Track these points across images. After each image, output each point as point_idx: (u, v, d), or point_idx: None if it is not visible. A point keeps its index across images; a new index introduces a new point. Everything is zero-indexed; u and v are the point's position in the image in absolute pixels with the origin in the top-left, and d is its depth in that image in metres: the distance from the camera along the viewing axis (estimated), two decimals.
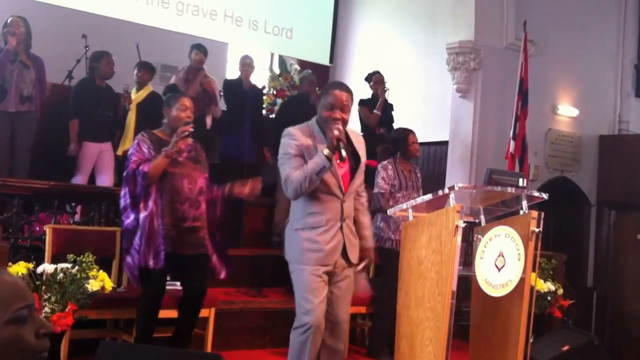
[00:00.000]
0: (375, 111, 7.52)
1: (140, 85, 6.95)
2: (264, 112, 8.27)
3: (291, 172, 3.62)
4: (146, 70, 7.02)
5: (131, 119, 6.78)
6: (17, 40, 5.95)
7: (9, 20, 6.07)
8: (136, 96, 6.87)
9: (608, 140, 9.03)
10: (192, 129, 4.24)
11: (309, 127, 3.77)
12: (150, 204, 4.17)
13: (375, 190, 5.51)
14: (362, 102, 7.66)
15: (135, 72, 7.00)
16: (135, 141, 4.33)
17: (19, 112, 6.05)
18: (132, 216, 4.18)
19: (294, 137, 3.69)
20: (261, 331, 5.53)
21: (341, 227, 3.71)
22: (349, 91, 3.74)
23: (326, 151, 3.54)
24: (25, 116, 6.10)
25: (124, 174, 4.28)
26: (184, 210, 4.28)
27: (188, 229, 4.29)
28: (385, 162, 5.64)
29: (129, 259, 4.19)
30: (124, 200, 4.24)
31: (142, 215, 4.15)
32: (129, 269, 4.22)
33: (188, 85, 6.95)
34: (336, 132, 3.54)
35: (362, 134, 7.65)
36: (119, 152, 6.67)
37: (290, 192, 3.66)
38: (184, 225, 4.28)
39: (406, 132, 5.75)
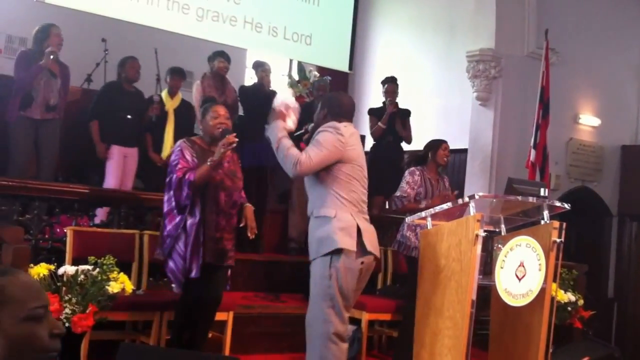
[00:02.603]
0: (379, 124, 7.41)
1: (173, 91, 6.97)
2: None
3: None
4: (178, 76, 7.04)
5: (169, 125, 6.80)
6: (54, 59, 5.97)
7: (46, 28, 6.07)
8: (171, 102, 6.89)
9: (630, 151, 8.97)
10: (237, 140, 4.24)
11: None
12: (197, 212, 4.19)
13: (398, 193, 5.48)
14: (371, 111, 7.60)
15: (168, 78, 7.02)
16: (178, 148, 4.29)
17: (44, 120, 6.09)
18: (175, 221, 4.19)
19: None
20: (279, 336, 5.52)
21: None
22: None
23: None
24: (50, 124, 6.13)
25: (168, 179, 4.25)
26: (218, 222, 4.30)
27: (219, 239, 4.31)
28: (413, 168, 5.61)
29: (171, 264, 4.19)
30: (168, 204, 4.23)
31: (190, 222, 4.17)
32: (172, 274, 4.21)
33: (222, 91, 6.94)
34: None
35: (373, 142, 7.66)
36: (164, 156, 6.64)
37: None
38: (217, 236, 4.30)
39: (440, 141, 5.72)
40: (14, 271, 1.61)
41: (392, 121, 7.44)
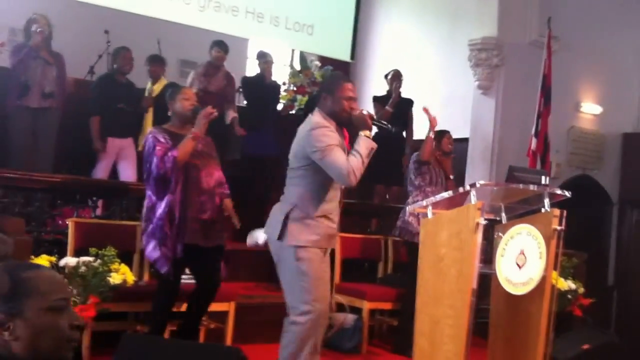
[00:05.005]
0: (387, 107, 7.44)
1: (155, 79, 6.97)
2: (279, 107, 8.26)
3: (347, 161, 3.67)
4: (156, 63, 7.04)
5: (149, 114, 6.80)
6: (42, 35, 6.01)
7: (32, 17, 6.13)
8: (152, 90, 6.89)
9: (631, 139, 8.94)
10: (215, 111, 4.30)
11: (325, 119, 3.83)
12: (179, 192, 4.20)
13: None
14: (375, 99, 7.60)
15: (147, 67, 7.03)
16: (150, 135, 4.31)
17: (41, 109, 6.11)
18: (162, 207, 4.18)
19: (329, 128, 3.76)
20: (280, 326, 5.52)
21: None
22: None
23: (367, 133, 3.78)
24: (47, 112, 6.15)
25: (149, 172, 4.24)
26: (202, 203, 4.31)
27: (206, 221, 4.32)
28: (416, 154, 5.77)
29: (165, 250, 4.17)
30: (149, 201, 4.25)
31: (172, 203, 4.17)
32: (164, 259, 4.18)
33: (209, 80, 6.95)
34: (366, 112, 3.81)
35: (376, 130, 7.67)
36: (140, 148, 6.70)
37: (353, 180, 3.68)
38: (203, 218, 4.30)
39: (443, 132, 5.91)
40: (39, 265, 1.78)
41: (397, 110, 7.48)
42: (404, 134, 7.57)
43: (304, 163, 3.79)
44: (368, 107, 7.78)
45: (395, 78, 7.46)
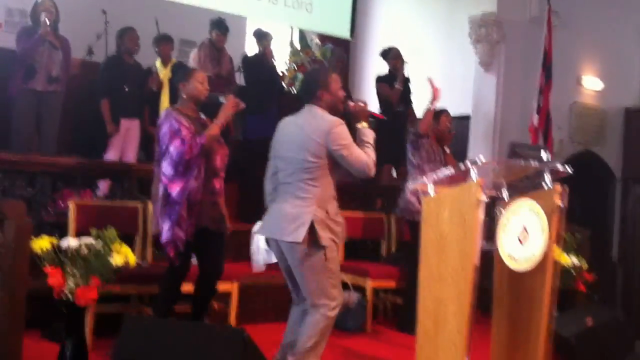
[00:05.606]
0: (396, 86, 7.42)
1: (165, 59, 6.95)
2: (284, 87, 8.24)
3: (364, 154, 3.81)
4: (165, 43, 7.01)
5: (165, 94, 6.78)
6: (49, 21, 6.01)
7: (39, 1, 6.10)
8: (165, 71, 6.87)
9: (634, 113, 8.90)
10: (244, 105, 4.37)
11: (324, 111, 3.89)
12: (199, 176, 4.20)
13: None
14: (379, 79, 7.57)
15: (155, 48, 6.99)
16: (172, 117, 4.24)
17: (46, 92, 6.14)
18: (179, 187, 4.16)
19: (344, 124, 3.84)
20: (284, 307, 5.51)
21: None
22: None
23: (365, 124, 3.93)
24: (52, 96, 6.18)
25: (165, 148, 4.20)
26: (214, 185, 4.31)
27: (214, 204, 4.32)
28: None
29: (178, 231, 4.16)
30: (169, 172, 4.19)
31: (192, 186, 4.17)
32: (177, 241, 4.17)
33: (219, 64, 6.90)
34: (361, 104, 3.94)
35: (381, 111, 7.64)
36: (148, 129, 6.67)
37: (373, 172, 3.84)
38: (213, 201, 4.31)
39: (441, 111, 5.86)
40: None
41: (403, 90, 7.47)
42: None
43: (319, 160, 3.79)
44: (371, 86, 7.79)
45: (397, 56, 7.43)
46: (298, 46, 9.66)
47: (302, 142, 3.81)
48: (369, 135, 3.88)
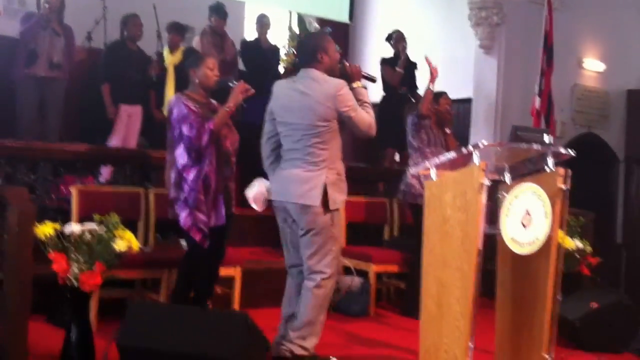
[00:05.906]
0: (397, 69, 7.41)
1: (173, 48, 6.95)
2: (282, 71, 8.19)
3: (367, 114, 3.90)
4: (177, 32, 7.02)
5: (170, 81, 6.78)
6: (50, 8, 6.03)
7: None
8: (172, 59, 6.88)
9: (636, 95, 8.89)
10: (253, 90, 4.38)
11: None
12: (213, 161, 4.22)
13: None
14: (384, 61, 7.56)
15: (167, 35, 7.01)
16: (181, 103, 4.23)
17: (48, 78, 6.18)
18: (194, 173, 4.17)
19: (347, 85, 3.90)
20: None
21: None
22: None
23: (360, 84, 3.99)
24: (54, 83, 6.21)
25: (178, 132, 4.20)
26: (225, 171, 4.32)
27: (226, 187, 4.34)
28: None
29: (201, 215, 4.16)
30: (183, 158, 4.19)
31: (206, 171, 4.19)
32: (198, 225, 4.17)
33: (225, 49, 6.88)
34: (357, 65, 4.06)
35: (384, 93, 7.63)
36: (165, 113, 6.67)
37: (374, 131, 3.95)
38: (225, 184, 4.33)
39: (439, 93, 5.82)
40: None
41: (404, 73, 7.44)
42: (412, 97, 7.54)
43: (329, 124, 3.83)
44: (372, 69, 7.74)
45: (400, 39, 7.43)
46: (297, 30, 9.62)
47: (308, 107, 3.83)
48: (365, 94, 3.96)
